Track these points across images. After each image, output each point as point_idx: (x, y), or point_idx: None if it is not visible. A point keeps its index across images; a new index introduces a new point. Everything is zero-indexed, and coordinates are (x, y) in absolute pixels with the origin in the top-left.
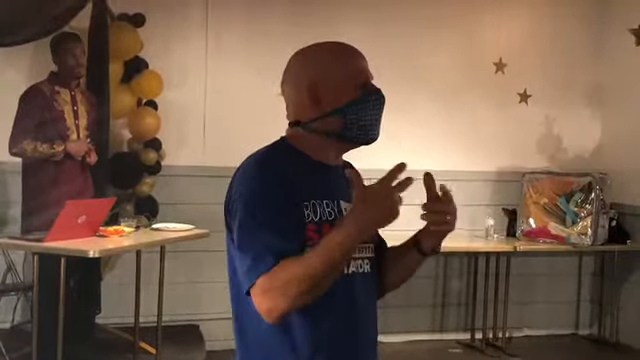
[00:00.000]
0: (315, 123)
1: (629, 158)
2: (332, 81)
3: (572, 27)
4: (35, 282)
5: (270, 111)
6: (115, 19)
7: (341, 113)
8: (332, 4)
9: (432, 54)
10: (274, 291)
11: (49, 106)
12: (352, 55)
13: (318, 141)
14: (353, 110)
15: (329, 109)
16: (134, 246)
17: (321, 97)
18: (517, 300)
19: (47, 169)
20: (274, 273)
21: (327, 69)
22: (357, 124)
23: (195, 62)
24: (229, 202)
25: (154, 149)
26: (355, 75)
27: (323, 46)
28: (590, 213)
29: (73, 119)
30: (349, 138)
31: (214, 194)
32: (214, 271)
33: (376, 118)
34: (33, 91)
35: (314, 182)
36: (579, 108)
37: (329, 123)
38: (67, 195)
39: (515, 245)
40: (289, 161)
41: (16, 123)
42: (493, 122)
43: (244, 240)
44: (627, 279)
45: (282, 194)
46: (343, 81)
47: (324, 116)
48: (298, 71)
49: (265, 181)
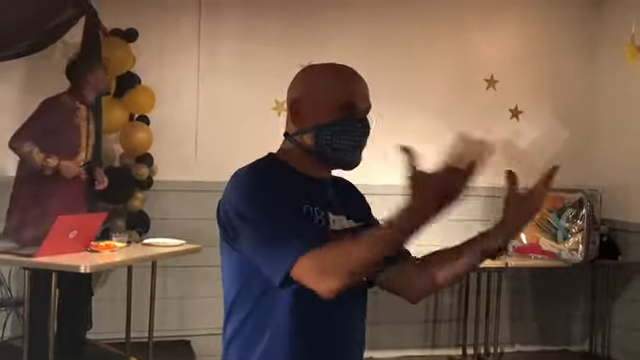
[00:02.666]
0: (296, 136)
1: (620, 174)
2: (312, 100)
3: (563, 44)
4: (26, 297)
5: (262, 127)
6: (108, 34)
7: (315, 132)
8: (325, 22)
9: (424, 71)
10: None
11: (69, 119)
12: (343, 78)
13: (301, 155)
14: (325, 132)
15: (304, 126)
16: (125, 261)
17: (301, 113)
18: (508, 316)
19: (42, 183)
20: (321, 254)
21: (312, 87)
22: (331, 146)
23: (187, 77)
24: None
25: (146, 164)
26: (338, 97)
27: (320, 66)
28: (581, 229)
29: (86, 137)
30: (323, 158)
31: (206, 209)
32: (206, 286)
33: (353, 144)
34: (55, 101)
35: (302, 190)
36: (570, 124)
37: (305, 139)
38: (58, 210)
39: (506, 261)
40: (278, 171)
41: (28, 122)
42: (485, 138)
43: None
44: (618, 295)
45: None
46: (324, 101)
47: (301, 132)
48: (291, 86)
49: (265, 181)
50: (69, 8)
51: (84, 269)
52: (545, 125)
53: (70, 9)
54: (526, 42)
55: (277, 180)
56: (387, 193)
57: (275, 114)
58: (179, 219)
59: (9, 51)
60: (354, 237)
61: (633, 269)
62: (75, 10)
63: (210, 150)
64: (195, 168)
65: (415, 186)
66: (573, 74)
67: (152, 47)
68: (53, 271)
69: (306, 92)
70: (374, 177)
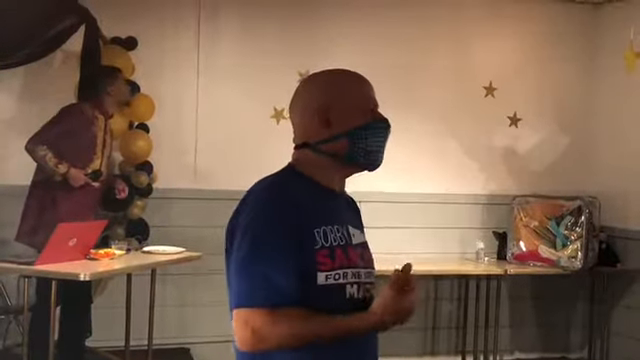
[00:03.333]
0: (323, 145)
1: (619, 181)
2: (343, 104)
3: (562, 51)
4: (26, 305)
5: (261, 135)
6: (107, 42)
7: (349, 136)
8: (324, 31)
9: (423, 78)
10: (269, 335)
11: (87, 127)
12: (363, 82)
13: (324, 163)
14: (361, 135)
15: (338, 132)
16: (125, 269)
17: (331, 119)
18: (508, 323)
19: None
20: (277, 317)
21: (340, 92)
22: (364, 149)
23: (187, 85)
24: (235, 226)
25: (146, 172)
26: (365, 101)
27: (336, 72)
28: (580, 236)
29: (102, 147)
30: (355, 162)
31: (205, 217)
32: (205, 294)
33: (381, 145)
34: (75, 108)
35: (323, 208)
36: (569, 131)
37: (336, 146)
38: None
39: (506, 268)
40: (299, 188)
41: (46, 126)
42: (483, 145)
43: (247, 265)
44: (617, 302)
45: (291, 225)
46: (354, 106)
47: (332, 138)
48: (310, 93)
49: (275, 212)
50: (69, 17)
51: (83, 277)
52: (544, 132)
53: (70, 18)
54: (525, 50)
55: (294, 203)
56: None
57: (274, 122)
58: (178, 227)
59: (8, 60)
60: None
61: (632, 276)
62: (75, 19)
63: (209, 158)
64: (194, 176)
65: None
66: (572, 81)
67: (151, 55)
68: (53, 279)
69: (336, 98)
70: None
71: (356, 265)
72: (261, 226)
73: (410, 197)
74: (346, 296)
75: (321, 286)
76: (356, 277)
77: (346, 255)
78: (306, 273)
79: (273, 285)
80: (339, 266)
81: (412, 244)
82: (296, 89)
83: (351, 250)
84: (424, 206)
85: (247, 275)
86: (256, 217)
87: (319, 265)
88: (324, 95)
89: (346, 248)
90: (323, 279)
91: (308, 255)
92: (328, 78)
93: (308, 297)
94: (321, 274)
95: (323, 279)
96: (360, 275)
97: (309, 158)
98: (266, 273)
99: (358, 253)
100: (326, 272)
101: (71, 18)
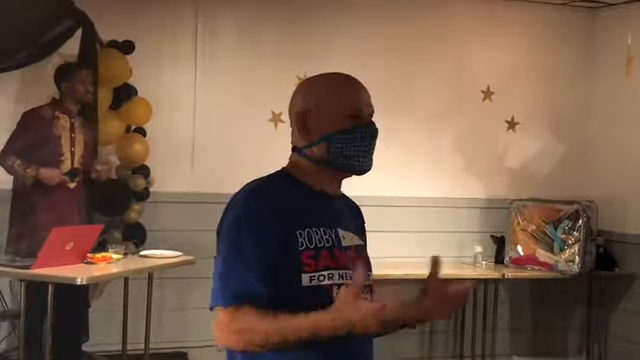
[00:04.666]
0: (306, 150)
1: (616, 185)
2: (321, 110)
3: (560, 55)
4: (22, 309)
5: (259, 138)
6: (104, 46)
7: (326, 141)
8: (322, 35)
9: (420, 82)
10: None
11: (46, 130)
12: (349, 86)
13: (312, 167)
14: (338, 140)
15: (315, 137)
16: (122, 273)
17: (309, 125)
18: (505, 327)
19: (34, 195)
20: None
21: (319, 98)
22: (342, 154)
23: (184, 89)
24: (220, 227)
25: (142, 176)
26: (346, 106)
27: (324, 76)
28: (578, 240)
29: (69, 146)
30: (335, 166)
31: (202, 221)
32: (202, 298)
33: (364, 150)
34: (33, 113)
35: (310, 210)
36: (566, 135)
37: (316, 150)
38: (51, 222)
39: (503, 272)
40: (283, 190)
41: (10, 139)
42: (481, 149)
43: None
44: (615, 306)
45: (266, 227)
46: (332, 111)
47: (312, 144)
48: (295, 99)
49: (254, 211)
50: (66, 20)
51: (80, 281)
52: (541, 137)
53: (67, 21)
54: (522, 54)
55: (276, 204)
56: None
57: (271, 126)
58: (176, 231)
59: (5, 63)
60: None
61: (629, 280)
62: (72, 22)
63: (207, 162)
64: (192, 180)
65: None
66: (569, 86)
67: (149, 59)
68: (49, 283)
69: (313, 104)
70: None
71: (345, 267)
72: (236, 228)
73: (408, 201)
74: (332, 298)
75: (305, 287)
76: (344, 278)
77: (332, 257)
78: (291, 274)
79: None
80: (323, 267)
81: (409, 248)
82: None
83: (338, 252)
84: (422, 210)
85: (219, 275)
86: (234, 220)
87: (304, 266)
88: (305, 100)
89: (332, 250)
90: (307, 280)
91: (292, 256)
92: (314, 83)
93: (293, 298)
94: (305, 275)
95: (307, 280)
96: (349, 277)
97: (300, 162)
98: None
99: (347, 255)
100: (309, 273)
101: (68, 21)
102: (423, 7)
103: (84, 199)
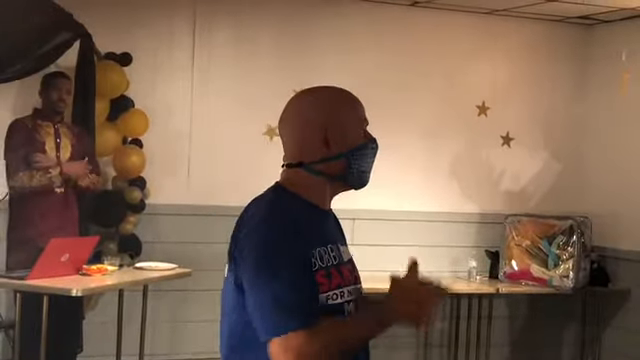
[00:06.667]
0: (318, 164)
1: (611, 201)
2: (341, 124)
3: (555, 71)
4: (17, 320)
5: (255, 151)
6: (102, 58)
7: (347, 157)
8: (318, 49)
9: (415, 96)
10: (309, 356)
11: (30, 138)
12: (356, 102)
13: (317, 182)
14: (357, 155)
15: (336, 152)
16: (117, 285)
17: (330, 140)
18: (499, 342)
19: (28, 205)
20: (309, 338)
21: (338, 113)
22: (358, 169)
23: (181, 101)
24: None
25: (138, 187)
26: (359, 121)
27: (330, 89)
28: (572, 256)
29: (55, 151)
30: (349, 182)
31: (198, 233)
32: (197, 310)
33: (372, 164)
34: (15, 124)
35: (317, 229)
36: (561, 151)
37: (333, 166)
38: (52, 230)
39: (497, 287)
40: (295, 209)
41: (6, 157)
42: (476, 164)
43: (264, 295)
44: (609, 322)
45: (295, 246)
46: (352, 126)
47: (330, 158)
48: (307, 111)
49: (281, 234)
50: (64, 32)
51: (76, 292)
52: (536, 152)
53: (65, 33)
54: (517, 69)
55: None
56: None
57: (267, 138)
58: (171, 243)
59: (3, 74)
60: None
61: (623, 296)
62: (70, 34)
63: (203, 174)
64: (187, 192)
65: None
66: (564, 101)
67: (146, 71)
68: (44, 294)
69: (334, 117)
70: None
71: (349, 283)
72: (271, 253)
73: (402, 215)
74: (345, 314)
75: (323, 307)
76: (351, 294)
77: (340, 274)
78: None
79: (294, 308)
80: (336, 286)
81: (404, 262)
82: (287, 105)
83: (343, 268)
84: (416, 224)
85: (268, 305)
86: (264, 244)
87: (319, 286)
88: (322, 114)
89: (339, 267)
90: (324, 300)
91: (309, 277)
92: (326, 96)
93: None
94: (322, 295)
95: (324, 300)
96: (352, 292)
97: (301, 177)
98: (284, 298)
99: (349, 270)
100: (325, 293)
101: (66, 33)
102: (418, 22)
103: (77, 208)
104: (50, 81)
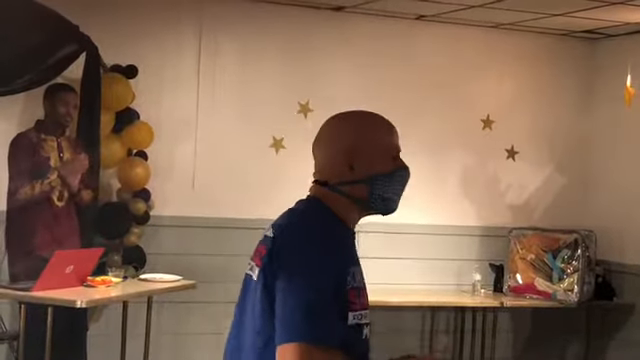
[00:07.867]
0: (343, 187)
1: (616, 215)
2: (368, 150)
3: (559, 85)
4: (21, 331)
5: (260, 163)
6: (108, 70)
7: (369, 183)
8: (324, 63)
9: (420, 111)
10: None
11: (35, 152)
12: (390, 128)
13: (345, 203)
14: (381, 182)
15: (359, 177)
16: (121, 297)
17: (354, 163)
18: (504, 355)
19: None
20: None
21: (366, 137)
22: (381, 196)
23: (186, 113)
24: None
25: (143, 199)
26: (390, 148)
27: (365, 114)
28: (576, 270)
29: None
30: (373, 207)
31: (202, 245)
32: (201, 322)
33: (399, 192)
34: (19, 139)
35: (350, 247)
36: (566, 164)
37: (356, 190)
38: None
39: (502, 301)
40: (332, 226)
41: (10, 171)
42: (481, 178)
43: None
44: (613, 336)
45: (335, 260)
46: (379, 152)
47: (353, 182)
48: (338, 133)
49: (324, 244)
50: (70, 44)
51: (80, 304)
52: (541, 166)
53: (71, 45)
54: (522, 83)
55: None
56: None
57: (272, 151)
58: (175, 255)
59: (9, 86)
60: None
61: (628, 310)
62: (76, 46)
63: (207, 186)
64: (192, 204)
65: None
66: (569, 115)
67: (151, 83)
68: (49, 306)
69: (363, 142)
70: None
71: (367, 306)
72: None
73: (407, 228)
74: (362, 336)
75: (349, 326)
76: (367, 317)
77: (365, 296)
78: (340, 314)
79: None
80: (361, 307)
81: (408, 275)
82: (323, 126)
83: (364, 291)
84: (421, 237)
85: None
86: (307, 252)
87: (350, 304)
88: (351, 138)
89: (365, 289)
90: (352, 319)
91: (342, 294)
92: (359, 120)
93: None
94: (351, 314)
95: (352, 319)
96: (368, 315)
97: (332, 196)
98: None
99: (367, 293)
100: (354, 312)
101: (72, 46)
102: (424, 36)
103: (78, 220)
104: (56, 93)
